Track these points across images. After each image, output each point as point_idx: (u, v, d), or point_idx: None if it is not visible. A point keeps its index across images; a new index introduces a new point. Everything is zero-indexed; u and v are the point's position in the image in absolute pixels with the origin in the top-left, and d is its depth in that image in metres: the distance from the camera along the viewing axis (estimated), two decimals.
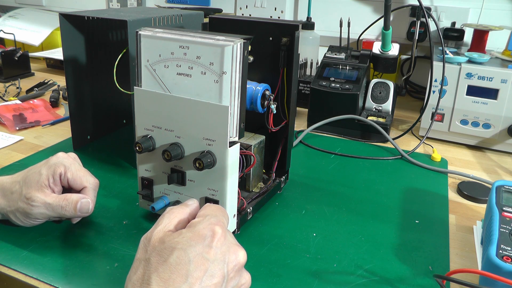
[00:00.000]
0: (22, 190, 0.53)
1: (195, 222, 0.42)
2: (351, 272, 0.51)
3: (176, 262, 0.37)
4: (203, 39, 0.49)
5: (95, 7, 1.62)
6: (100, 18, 0.74)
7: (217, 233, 0.40)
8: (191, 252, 0.38)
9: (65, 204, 0.53)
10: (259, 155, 0.61)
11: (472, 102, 0.85)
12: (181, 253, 0.38)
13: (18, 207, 0.53)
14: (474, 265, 0.54)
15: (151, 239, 0.40)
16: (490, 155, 0.86)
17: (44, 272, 0.49)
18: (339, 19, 1.10)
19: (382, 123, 0.90)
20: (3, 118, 0.92)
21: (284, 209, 0.64)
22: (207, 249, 0.39)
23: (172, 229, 0.42)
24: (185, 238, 0.39)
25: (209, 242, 0.39)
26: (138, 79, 0.54)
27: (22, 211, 0.53)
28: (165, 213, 0.44)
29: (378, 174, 0.76)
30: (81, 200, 0.54)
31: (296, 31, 0.58)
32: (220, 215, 0.44)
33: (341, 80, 0.94)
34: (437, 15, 1.17)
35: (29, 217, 0.53)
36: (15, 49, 1.23)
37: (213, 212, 0.44)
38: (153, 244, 0.40)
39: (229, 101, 0.49)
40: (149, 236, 0.41)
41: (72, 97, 0.78)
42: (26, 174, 0.55)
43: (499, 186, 0.59)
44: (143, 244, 0.41)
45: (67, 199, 0.53)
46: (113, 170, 0.73)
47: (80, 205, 0.53)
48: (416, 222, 0.62)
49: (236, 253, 0.41)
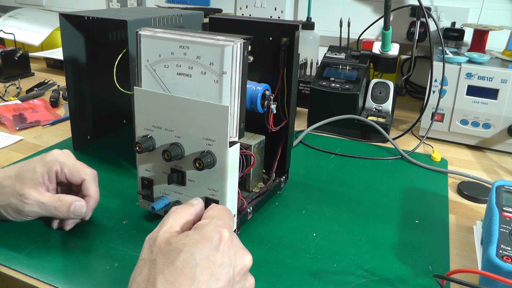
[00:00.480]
0: (15, 186, 0.52)
1: (202, 224, 0.41)
2: (351, 272, 0.51)
3: (183, 265, 0.37)
4: (203, 39, 0.49)
5: (95, 7, 1.62)
6: (100, 18, 0.74)
7: (225, 236, 0.40)
8: (198, 255, 0.37)
9: (58, 205, 0.52)
10: (259, 155, 0.61)
11: (472, 102, 0.85)
12: (188, 255, 0.37)
13: (9, 203, 0.52)
14: (474, 265, 0.54)
15: (157, 240, 0.39)
16: (490, 155, 0.86)
17: (44, 272, 0.49)
18: (339, 19, 1.11)
19: (382, 123, 0.90)
20: (3, 118, 0.92)
21: (284, 209, 0.64)
22: (214, 252, 0.38)
23: (178, 230, 0.41)
24: (192, 240, 0.39)
25: (216, 245, 0.39)
26: (138, 79, 0.54)
27: (13, 207, 0.52)
28: (170, 213, 0.43)
29: (378, 174, 0.76)
30: (75, 203, 0.53)
31: (296, 31, 0.58)
32: (227, 217, 0.43)
33: (341, 80, 0.94)
34: (437, 15, 1.17)
35: (20, 213, 0.52)
36: (15, 49, 1.23)
37: (220, 214, 0.43)
38: (159, 245, 0.39)
39: (229, 101, 0.49)
40: (154, 236, 0.40)
41: (72, 97, 0.78)
42: (19, 170, 0.54)
43: (499, 186, 0.59)
44: (148, 244, 0.40)
45: (61, 200, 0.53)
46: (113, 170, 0.73)
47: (74, 207, 0.53)
48: (416, 222, 0.62)
49: (243, 257, 0.40)
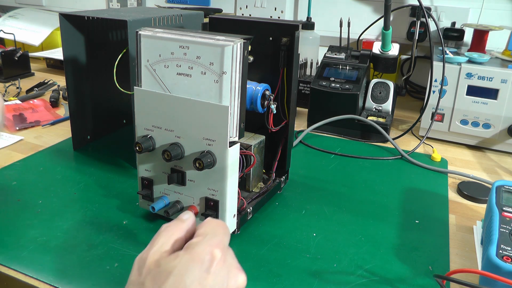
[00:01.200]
0: None
1: (194, 243, 0.39)
2: (351, 272, 0.51)
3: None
4: (203, 39, 0.49)
5: (95, 7, 1.62)
6: (100, 18, 0.74)
7: (216, 257, 0.37)
8: (188, 278, 0.35)
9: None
10: (259, 155, 0.61)
11: (472, 102, 0.85)
12: (177, 279, 0.35)
13: None
14: (474, 265, 0.54)
15: (146, 261, 0.37)
16: (490, 155, 0.86)
17: (44, 272, 0.49)
18: (339, 19, 1.10)
19: (382, 123, 0.90)
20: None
21: (284, 209, 0.64)
22: (205, 274, 0.36)
23: (169, 249, 0.39)
24: (182, 262, 0.37)
25: (207, 267, 0.37)
26: (138, 79, 0.54)
27: None
28: (161, 231, 0.41)
29: (378, 174, 0.76)
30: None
31: (296, 31, 0.58)
32: (221, 233, 0.41)
33: (341, 80, 0.94)
34: (437, 15, 1.17)
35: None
36: (15, 49, 1.23)
37: (214, 230, 0.41)
38: (148, 267, 0.37)
39: (229, 101, 0.49)
40: (144, 257, 0.38)
41: (72, 97, 0.78)
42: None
43: (499, 186, 0.59)
44: (137, 265, 0.38)
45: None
46: (113, 170, 0.73)
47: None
48: (416, 222, 0.62)
49: (236, 277, 0.38)
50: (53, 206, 0.62)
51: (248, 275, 0.50)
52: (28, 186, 0.67)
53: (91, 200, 0.64)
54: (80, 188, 0.67)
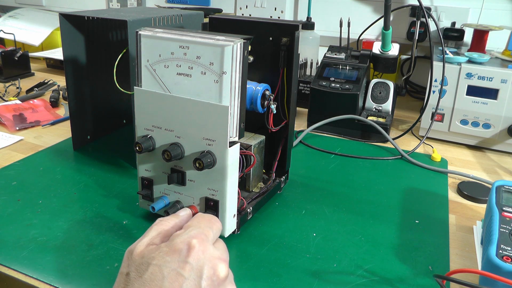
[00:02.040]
0: None
1: (175, 235, 0.41)
2: (351, 272, 0.51)
3: (150, 278, 0.36)
4: (203, 39, 0.49)
5: (95, 7, 1.62)
6: (100, 18, 0.74)
7: (193, 247, 0.38)
8: (165, 268, 0.37)
9: None
10: (259, 155, 0.61)
11: (472, 102, 0.85)
12: (155, 269, 0.37)
13: None
14: (474, 265, 0.54)
15: (133, 252, 0.39)
16: (490, 155, 0.86)
17: (44, 272, 0.49)
18: (339, 19, 1.10)
19: (382, 123, 0.90)
20: (3, 118, 0.92)
21: (284, 209, 0.64)
22: (182, 264, 0.37)
23: (158, 242, 0.41)
24: (161, 253, 0.38)
25: (185, 257, 0.38)
26: (138, 79, 0.54)
27: None
28: (153, 225, 0.43)
29: (378, 174, 0.76)
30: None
31: (296, 31, 0.58)
32: (205, 226, 0.42)
33: (341, 80, 0.94)
34: (437, 15, 1.17)
35: None
36: (15, 49, 1.23)
37: (198, 223, 0.42)
38: (134, 258, 0.39)
39: (229, 101, 0.49)
40: (132, 249, 0.40)
41: (72, 97, 0.78)
42: None
43: (499, 186, 0.59)
44: (126, 257, 0.40)
45: None
46: (113, 170, 0.73)
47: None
48: (416, 222, 0.62)
49: (215, 267, 0.38)
50: (53, 206, 0.62)
51: (248, 275, 0.50)
52: (28, 186, 0.67)
53: (91, 200, 0.64)
54: (80, 188, 0.67)
